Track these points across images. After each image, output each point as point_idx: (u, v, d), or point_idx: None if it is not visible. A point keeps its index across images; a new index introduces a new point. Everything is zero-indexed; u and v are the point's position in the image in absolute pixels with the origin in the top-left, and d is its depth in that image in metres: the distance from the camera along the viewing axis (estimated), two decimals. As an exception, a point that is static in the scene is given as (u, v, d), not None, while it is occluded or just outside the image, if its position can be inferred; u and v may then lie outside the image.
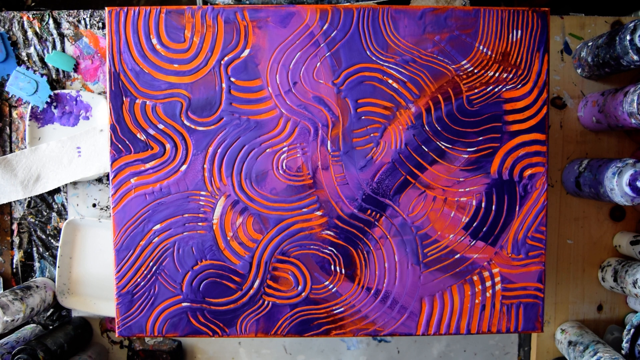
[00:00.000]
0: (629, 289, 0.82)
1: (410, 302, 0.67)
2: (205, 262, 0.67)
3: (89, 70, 0.92)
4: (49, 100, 0.89)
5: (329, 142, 0.66)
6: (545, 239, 0.67)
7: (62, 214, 0.93)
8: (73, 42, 0.91)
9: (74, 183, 0.92)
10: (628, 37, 0.73)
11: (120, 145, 0.66)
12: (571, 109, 0.91)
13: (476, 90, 0.66)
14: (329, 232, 0.67)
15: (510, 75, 0.66)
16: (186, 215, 0.66)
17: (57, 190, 0.93)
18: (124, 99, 0.66)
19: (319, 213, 0.66)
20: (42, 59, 0.91)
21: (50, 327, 0.93)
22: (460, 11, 0.65)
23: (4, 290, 0.92)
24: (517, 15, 0.66)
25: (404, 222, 0.67)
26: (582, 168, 0.85)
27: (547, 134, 0.66)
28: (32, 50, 0.91)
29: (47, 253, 0.93)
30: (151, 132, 0.66)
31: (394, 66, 0.66)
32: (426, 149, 0.66)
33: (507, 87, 0.66)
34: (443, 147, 0.66)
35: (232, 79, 0.66)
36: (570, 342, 0.86)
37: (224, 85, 0.66)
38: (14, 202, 0.93)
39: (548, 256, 0.92)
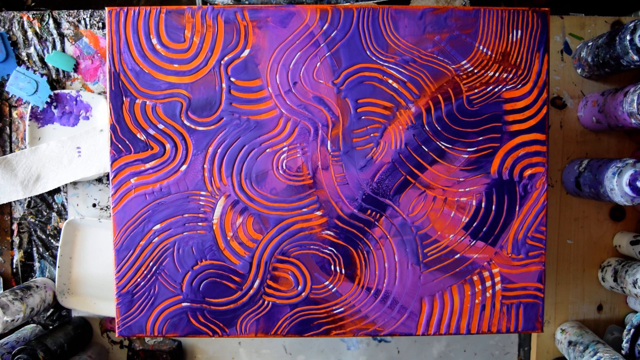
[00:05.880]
0: (629, 289, 0.82)
1: (410, 302, 0.67)
2: (205, 262, 0.67)
3: (89, 70, 0.91)
4: (49, 100, 0.89)
5: (329, 142, 0.66)
6: (545, 239, 0.67)
7: (62, 214, 0.93)
8: (73, 42, 0.91)
9: (74, 183, 0.92)
10: (628, 37, 0.73)
11: (120, 145, 0.66)
12: (571, 109, 0.91)
13: (476, 90, 0.66)
14: (329, 232, 0.67)
15: (510, 75, 0.66)
16: (186, 215, 0.66)
17: (57, 190, 0.93)
18: (124, 99, 0.66)
19: (319, 213, 0.66)
20: (42, 59, 0.91)
21: (50, 327, 0.93)
22: (460, 11, 0.65)
23: (4, 290, 0.92)
24: (517, 15, 0.66)
25: (404, 222, 0.67)
26: (582, 168, 0.85)
27: (547, 134, 0.66)
28: (32, 50, 0.91)
29: (47, 253, 0.93)
30: (151, 132, 0.66)
31: (394, 66, 0.66)
32: (426, 149, 0.66)
33: (507, 87, 0.66)
34: (443, 147, 0.66)
35: (232, 79, 0.66)
36: (570, 342, 0.86)
37: (224, 85, 0.66)
38: (14, 202, 0.93)
39: (548, 256, 0.92)
